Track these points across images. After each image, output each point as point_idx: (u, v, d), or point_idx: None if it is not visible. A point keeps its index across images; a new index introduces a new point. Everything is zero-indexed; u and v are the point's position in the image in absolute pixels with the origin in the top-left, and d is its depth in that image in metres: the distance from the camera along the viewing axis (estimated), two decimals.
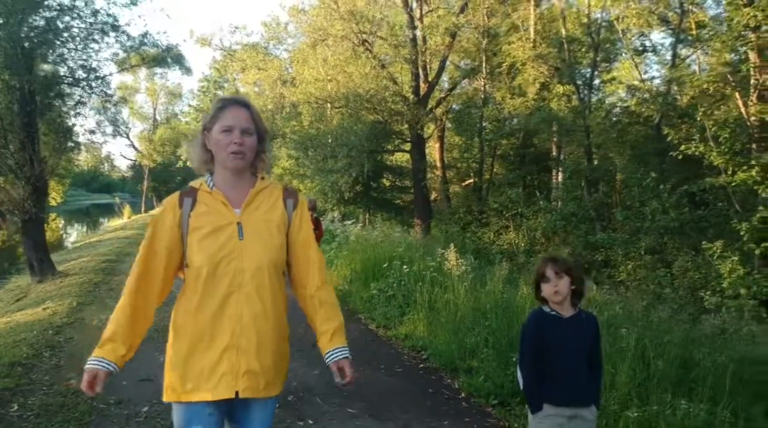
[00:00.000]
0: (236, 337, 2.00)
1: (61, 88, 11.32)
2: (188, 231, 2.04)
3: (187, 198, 2.08)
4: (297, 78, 20.77)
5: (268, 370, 2.06)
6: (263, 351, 2.04)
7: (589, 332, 2.62)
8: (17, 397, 4.41)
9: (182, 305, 2.06)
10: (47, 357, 5.51)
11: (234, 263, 2.00)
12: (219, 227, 2.04)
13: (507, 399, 4.62)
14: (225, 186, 2.10)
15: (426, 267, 7.95)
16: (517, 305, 6.30)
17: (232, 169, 2.07)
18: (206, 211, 2.06)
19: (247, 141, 2.05)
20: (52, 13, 11.56)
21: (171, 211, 2.07)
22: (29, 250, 11.08)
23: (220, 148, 2.05)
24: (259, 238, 2.05)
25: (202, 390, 2.00)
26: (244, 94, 28.88)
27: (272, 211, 2.12)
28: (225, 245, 2.02)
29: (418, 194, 19.76)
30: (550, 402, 2.54)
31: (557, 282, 2.52)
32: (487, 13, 17.17)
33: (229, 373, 1.99)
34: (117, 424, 3.99)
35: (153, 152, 40.86)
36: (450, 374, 5.35)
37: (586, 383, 2.58)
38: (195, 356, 2.00)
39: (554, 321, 2.57)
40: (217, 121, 2.06)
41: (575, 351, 2.56)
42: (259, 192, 2.12)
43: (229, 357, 1.99)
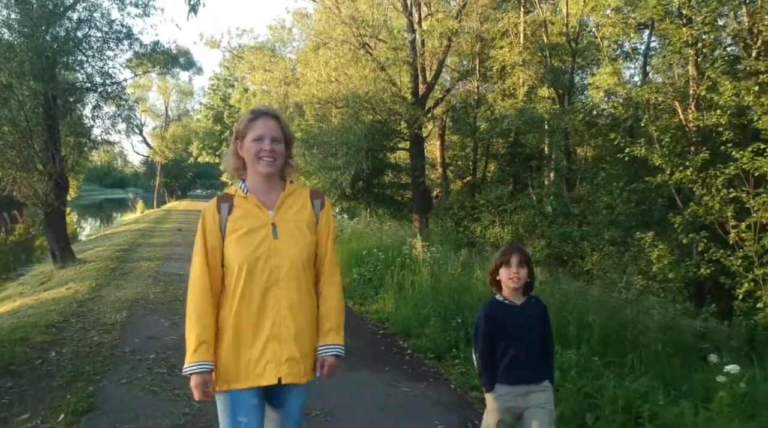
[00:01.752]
0: (276, 327, 2.22)
1: (80, 94, 12.62)
2: (227, 234, 2.25)
3: (224, 203, 2.29)
4: (301, 79, 21.95)
5: (306, 357, 2.29)
6: (301, 339, 2.26)
7: (539, 314, 2.88)
8: (54, 347, 5.72)
9: (225, 302, 2.25)
10: (74, 322, 6.81)
11: (271, 261, 2.22)
12: (255, 228, 2.25)
13: (442, 354, 5.86)
14: (258, 190, 2.32)
15: (400, 254, 9.20)
16: (470, 285, 7.56)
17: (264, 175, 2.29)
18: (243, 214, 2.28)
19: (277, 149, 2.28)
20: (72, 24, 12.91)
21: (211, 215, 2.28)
22: (52, 240, 12.45)
23: (253, 155, 2.27)
24: (291, 237, 2.28)
25: (250, 378, 2.21)
26: (251, 93, 30.20)
27: (302, 211, 2.35)
28: (262, 244, 2.23)
29: (416, 191, 20.90)
30: (504, 382, 2.79)
31: (518, 270, 2.77)
32: (480, 18, 18.31)
33: (272, 361, 2.21)
34: (130, 364, 5.26)
35: (165, 149, 42.33)
36: (403, 338, 6.58)
37: (538, 362, 2.83)
38: (242, 348, 2.22)
39: (507, 309, 2.82)
40: (249, 131, 2.28)
41: (527, 334, 2.81)
42: (289, 195, 2.35)
43: (271, 346, 2.21)
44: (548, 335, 2.91)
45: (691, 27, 8.79)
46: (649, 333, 5.20)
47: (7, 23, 11.74)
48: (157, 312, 7.41)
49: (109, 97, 12.91)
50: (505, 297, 2.84)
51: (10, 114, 11.10)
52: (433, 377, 5.32)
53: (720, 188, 8.24)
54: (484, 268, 8.36)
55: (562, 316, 5.70)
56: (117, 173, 77.46)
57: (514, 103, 17.03)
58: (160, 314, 7.33)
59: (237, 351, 2.21)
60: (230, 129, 39.66)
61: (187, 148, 45.14)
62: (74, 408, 4.13)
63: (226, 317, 2.23)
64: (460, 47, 19.92)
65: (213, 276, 2.24)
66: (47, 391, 4.53)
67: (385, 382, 5.07)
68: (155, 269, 11.01)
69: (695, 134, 9.28)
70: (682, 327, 5.96)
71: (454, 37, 18.73)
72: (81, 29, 12.91)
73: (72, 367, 5.11)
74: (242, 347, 2.21)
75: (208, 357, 2.17)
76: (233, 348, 2.22)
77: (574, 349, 5.14)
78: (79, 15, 12.85)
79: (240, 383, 2.22)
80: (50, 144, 11.88)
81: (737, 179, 8.30)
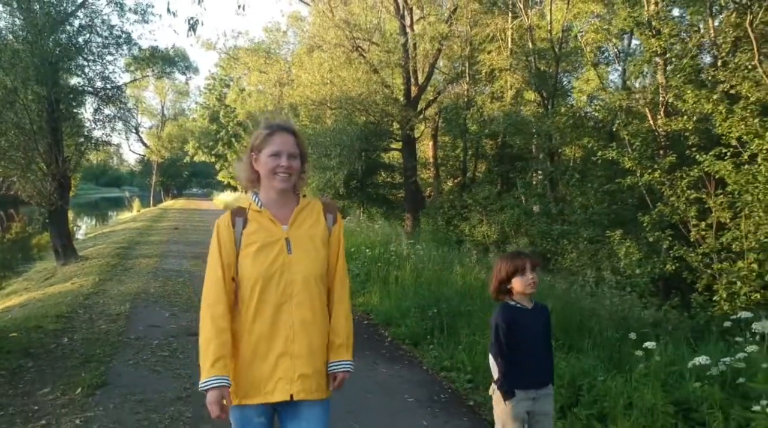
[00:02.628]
0: (289, 343, 2.22)
1: (82, 98, 13.22)
2: (241, 248, 2.26)
3: (239, 218, 2.30)
4: (295, 81, 22.54)
5: (318, 372, 2.29)
6: (314, 356, 2.26)
7: (545, 321, 2.97)
8: (66, 334, 6.33)
9: (238, 316, 2.26)
10: (82, 313, 7.43)
11: (285, 276, 2.23)
12: (269, 243, 2.25)
13: (419, 341, 6.47)
14: (271, 205, 2.32)
15: (386, 251, 9.84)
16: (449, 279, 8.21)
17: (279, 190, 2.30)
18: (257, 229, 2.28)
19: (294, 165, 2.28)
20: (74, 30, 13.51)
21: (226, 230, 2.29)
22: (54, 237, 13.06)
23: (269, 171, 2.27)
24: (305, 252, 2.28)
25: (261, 394, 2.22)
26: (247, 93, 30.78)
27: (315, 226, 2.35)
28: (276, 259, 2.23)
29: (407, 190, 21.52)
30: (519, 387, 2.82)
31: (533, 275, 2.83)
32: (470, 22, 18.94)
33: (284, 378, 2.21)
34: (135, 348, 5.89)
35: (161, 148, 42.88)
36: (384, 327, 7.21)
37: (546, 366, 2.93)
38: (255, 362, 2.22)
39: (521, 313, 2.87)
40: (266, 145, 2.28)
41: (538, 338, 2.89)
42: (302, 209, 2.36)
43: (283, 362, 2.21)
44: (550, 339, 3.01)
45: (659, 38, 9.41)
46: (601, 321, 5.83)
47: (12, 30, 12.32)
48: (157, 304, 8.03)
49: (109, 100, 13.50)
50: (517, 302, 2.89)
51: (15, 117, 11.67)
52: (408, 360, 5.95)
53: (685, 190, 8.87)
54: (464, 264, 9.04)
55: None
56: (113, 172, 78.00)
57: (502, 105, 17.70)
58: (160, 306, 7.95)
59: (249, 367, 2.22)
60: (226, 128, 40.26)
61: (183, 147, 45.71)
62: (89, 383, 4.74)
63: (238, 332, 2.24)
64: (451, 50, 20.53)
65: (227, 291, 2.24)
66: (63, 370, 5.15)
67: (366, 365, 5.68)
68: (154, 265, 11.62)
69: (664, 138, 9.92)
70: (636, 316, 6.59)
71: (444, 41, 19.35)
72: (82, 35, 13.53)
73: (84, 350, 5.72)
74: (254, 362, 2.22)
75: (226, 372, 2.16)
76: (246, 363, 2.23)
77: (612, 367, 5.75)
78: (80, 21, 13.49)
79: (251, 398, 2.23)
80: (53, 145, 12.48)
81: (701, 181, 8.92)
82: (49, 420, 4.08)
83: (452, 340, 6.13)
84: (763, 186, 7.99)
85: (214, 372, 2.13)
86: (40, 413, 4.21)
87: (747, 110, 8.26)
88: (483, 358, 5.55)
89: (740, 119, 8.29)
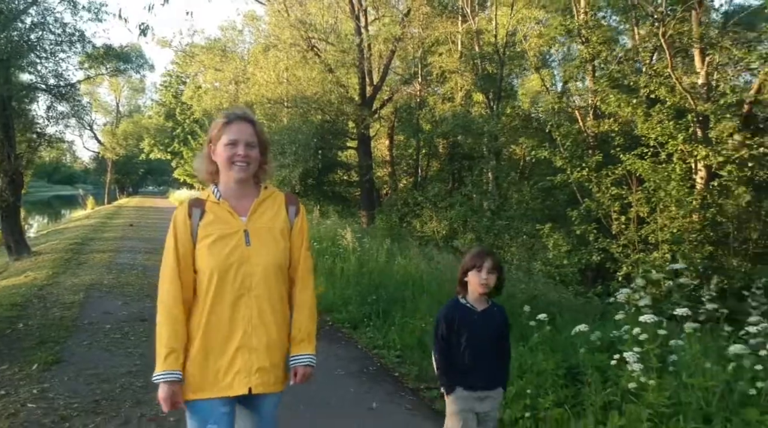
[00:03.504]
0: (248, 337, 2.20)
1: (34, 95, 13.40)
2: (198, 240, 2.23)
3: (196, 209, 2.27)
4: (251, 80, 22.88)
5: (276, 366, 2.28)
6: (272, 349, 2.25)
7: (499, 323, 2.88)
8: (21, 320, 6.72)
9: (195, 309, 2.23)
10: (36, 302, 7.78)
11: (243, 268, 2.20)
12: (227, 234, 2.22)
13: (357, 324, 7.04)
14: (230, 196, 2.29)
15: (334, 244, 10.39)
16: (390, 270, 8.81)
17: (237, 180, 2.27)
18: (214, 220, 2.25)
19: (251, 154, 2.25)
20: (26, 27, 13.65)
21: (183, 220, 2.25)
22: (6, 233, 13.21)
23: (226, 160, 2.24)
24: (264, 244, 2.25)
25: (219, 388, 2.20)
26: (203, 91, 30.89)
27: (276, 218, 2.32)
28: (234, 251, 2.20)
29: (363, 188, 22.09)
30: (462, 386, 2.81)
31: (488, 277, 2.76)
32: (422, 25, 19.60)
33: (242, 371, 2.19)
34: (90, 332, 6.32)
35: (116, 146, 42.49)
36: (327, 313, 7.74)
37: (495, 369, 2.86)
38: (212, 356, 2.20)
39: (468, 313, 2.82)
40: (223, 135, 2.24)
41: (486, 340, 2.81)
42: (263, 201, 2.33)
43: (242, 355, 2.19)
44: (506, 344, 2.94)
45: (588, 46, 10.19)
46: (516, 302, 6.51)
47: None
48: (111, 294, 8.42)
49: (62, 97, 13.70)
50: (468, 301, 2.85)
51: None
52: (345, 341, 6.52)
53: (609, 186, 9.66)
54: (405, 256, 9.65)
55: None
56: (66, 170, 76.38)
57: (453, 106, 18.41)
58: (114, 295, 8.34)
59: (206, 360, 2.20)
60: (182, 126, 40.13)
61: (139, 144, 45.36)
62: (45, 361, 5.18)
63: (196, 326, 2.22)
64: (405, 52, 21.17)
65: (184, 283, 2.21)
66: (20, 351, 5.56)
67: None
68: (108, 260, 11.91)
69: (593, 139, 10.73)
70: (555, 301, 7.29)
71: (398, 43, 19.97)
72: (34, 32, 13.66)
73: (39, 334, 6.12)
74: (211, 356, 2.20)
75: (177, 366, 2.15)
76: (203, 356, 2.20)
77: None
78: (32, 19, 13.62)
79: (209, 392, 2.21)
80: (5, 142, 12.63)
81: (624, 178, 9.73)
82: (8, 391, 4.52)
83: (387, 323, 6.73)
84: (676, 183, 8.82)
85: (165, 366, 2.14)
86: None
87: (663, 114, 9.09)
88: (413, 338, 6.17)
89: (657, 121, 9.11)
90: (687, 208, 8.52)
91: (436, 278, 7.87)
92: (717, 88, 9.07)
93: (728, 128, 8.72)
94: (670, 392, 3.61)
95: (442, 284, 7.23)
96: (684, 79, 9.50)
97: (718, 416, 3.34)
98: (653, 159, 9.33)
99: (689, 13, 9.04)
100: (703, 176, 9.21)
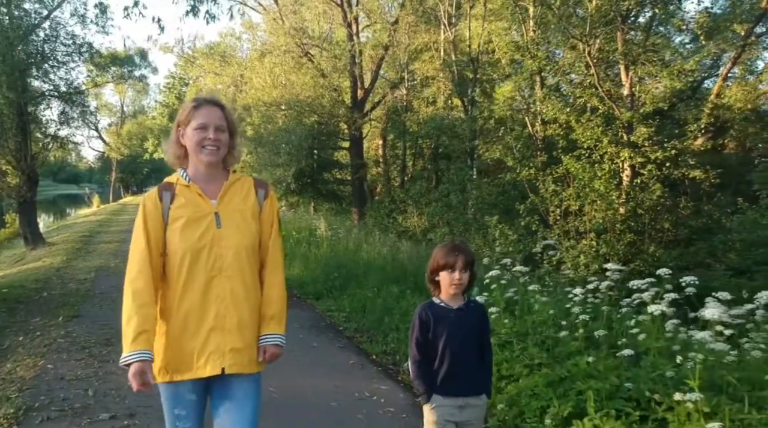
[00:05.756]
0: (220, 318, 2.26)
1: (48, 101, 15.15)
2: (169, 222, 2.28)
3: (166, 192, 2.32)
4: (248, 84, 24.55)
5: (249, 346, 2.32)
6: (244, 330, 2.30)
7: (477, 321, 2.73)
8: (44, 290, 8.42)
9: (167, 291, 2.29)
10: (55, 279, 9.48)
11: (214, 250, 2.26)
12: (198, 217, 2.29)
13: (320, 296, 8.66)
14: (200, 179, 2.35)
15: (311, 234, 12.06)
16: (356, 256, 10.44)
17: (206, 163, 2.32)
18: (185, 203, 2.30)
19: (221, 137, 2.30)
20: (40, 39, 15.38)
21: (153, 204, 2.31)
22: (24, 226, 14.95)
23: (196, 144, 2.28)
24: (235, 226, 2.31)
25: (192, 369, 2.25)
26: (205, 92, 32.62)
27: (245, 201, 2.38)
28: (205, 233, 2.27)
29: (354, 187, 23.72)
30: (441, 393, 2.65)
31: (461, 276, 2.61)
32: (408, 33, 21.22)
33: (215, 352, 2.25)
34: (100, 298, 8.03)
35: (121, 146, 44.34)
36: (298, 290, 9.38)
37: (476, 372, 2.71)
38: (184, 337, 2.25)
39: (443, 312, 2.67)
40: (192, 119, 2.29)
41: (464, 341, 2.66)
42: (232, 184, 2.38)
43: (214, 336, 2.25)
44: (487, 343, 2.80)
45: (535, 60, 11.76)
46: None
47: None
48: (117, 274, 10.07)
49: (74, 103, 15.42)
50: (442, 300, 2.71)
51: None
52: (307, 308, 8.17)
53: (550, 184, 11.23)
54: (370, 243, 11.28)
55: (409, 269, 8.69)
56: (71, 169, 78.40)
57: (435, 109, 20.04)
58: (120, 275, 9.82)
59: (179, 342, 2.25)
60: None
61: (143, 144, 47.23)
62: (67, 315, 6.87)
63: (168, 308, 2.27)
64: (394, 57, 22.77)
65: (154, 266, 2.26)
66: (47, 309, 7.25)
67: None
68: (114, 248, 13.62)
69: (540, 141, 12.30)
70: None
71: (386, 50, 21.58)
72: (48, 44, 15.40)
73: (60, 300, 7.83)
74: (184, 337, 2.25)
75: (148, 346, 2.17)
76: (176, 338, 2.25)
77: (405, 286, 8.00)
78: (45, 32, 15.37)
79: (182, 374, 2.26)
80: (23, 144, 14.36)
81: (564, 177, 11.30)
82: (42, 332, 6.20)
83: (342, 294, 8.35)
84: (601, 181, 10.38)
85: (135, 346, 2.14)
86: (35, 330, 6.32)
87: (593, 121, 10.67)
88: (359, 304, 7.78)
89: (588, 127, 10.69)
90: (608, 201, 10.09)
91: (390, 261, 9.51)
92: (638, 98, 10.63)
93: (644, 133, 10.24)
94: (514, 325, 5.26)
95: (386, 265, 8.93)
96: (615, 89, 11.06)
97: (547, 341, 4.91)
98: (588, 160, 10.89)
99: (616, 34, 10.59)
100: (628, 174, 10.76)
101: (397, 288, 7.90)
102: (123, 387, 4.66)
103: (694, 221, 10.70)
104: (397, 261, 9.55)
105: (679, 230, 10.63)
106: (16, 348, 5.67)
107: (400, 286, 7.98)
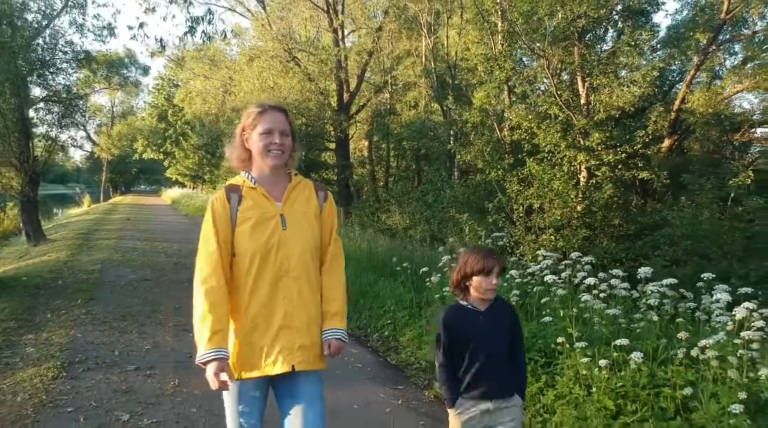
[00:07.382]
0: (289, 317, 2.37)
1: (48, 106, 16.22)
2: (237, 223, 2.39)
3: (233, 194, 2.43)
4: (236, 87, 25.62)
5: (315, 344, 2.45)
6: (311, 328, 2.43)
7: (506, 321, 2.73)
8: (59, 279, 9.53)
9: (235, 291, 2.39)
10: (65, 270, 10.59)
11: (282, 251, 2.37)
12: (265, 219, 2.40)
13: None
14: (264, 182, 2.47)
15: None
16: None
17: (271, 167, 2.44)
18: (252, 205, 2.42)
19: (286, 142, 2.44)
20: (41, 47, 16.42)
21: (221, 205, 2.41)
22: (26, 223, 16.01)
23: (262, 148, 2.41)
24: (300, 228, 2.43)
25: (260, 367, 2.36)
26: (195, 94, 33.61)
27: (308, 203, 2.51)
28: (272, 235, 2.38)
29: (340, 187, 24.87)
30: (469, 397, 2.64)
31: (497, 281, 2.64)
32: (391, 39, 22.42)
33: (285, 349, 2.36)
34: (110, 286, 9.17)
35: (111, 146, 45.23)
36: None
37: (508, 373, 2.68)
38: (254, 336, 2.37)
39: (472, 315, 2.67)
40: (258, 124, 2.42)
41: (494, 343, 2.66)
42: (294, 187, 2.51)
43: (284, 334, 2.37)
44: (518, 342, 2.78)
45: (503, 70, 12.98)
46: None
47: None
48: (121, 266, 11.22)
49: (74, 109, 16.50)
50: (469, 302, 2.70)
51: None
52: None
53: (515, 184, 12.45)
54: (351, 237, 12.45)
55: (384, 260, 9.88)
56: (58, 169, 78.87)
57: (417, 113, 21.25)
58: (123, 267, 11.16)
59: (248, 340, 2.35)
60: (174, 127, 42.85)
61: (132, 145, 48.13)
62: (84, 298, 8.02)
63: (237, 308, 2.37)
64: (378, 62, 23.93)
65: (224, 266, 2.35)
66: (65, 295, 8.39)
67: None
68: (113, 244, 14.72)
69: (508, 145, 13.53)
70: None
71: (370, 56, 22.73)
72: (48, 52, 16.45)
73: (75, 286, 8.97)
74: (254, 336, 2.35)
75: (224, 344, 2.27)
76: (244, 337, 2.36)
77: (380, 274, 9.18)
78: (44, 41, 16.40)
79: (250, 372, 2.36)
80: (25, 147, 15.42)
81: (528, 177, 12.53)
82: (66, 311, 7.36)
83: None
84: (558, 182, 11.61)
85: (212, 345, 2.24)
86: (59, 309, 7.47)
87: (552, 127, 11.90)
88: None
89: (548, 133, 11.92)
90: (565, 199, 11.32)
91: (366, 254, 10.71)
92: (593, 107, 11.87)
93: (597, 138, 11.46)
94: None
95: (362, 257, 10.14)
96: (574, 98, 12.30)
97: None
98: (549, 163, 12.12)
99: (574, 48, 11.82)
100: (584, 175, 11.99)
101: (373, 276, 9.10)
102: (142, 349, 5.85)
103: (643, 218, 11.95)
104: (374, 254, 10.76)
105: (629, 225, 11.89)
106: (47, 322, 6.81)
107: (375, 275, 9.17)
